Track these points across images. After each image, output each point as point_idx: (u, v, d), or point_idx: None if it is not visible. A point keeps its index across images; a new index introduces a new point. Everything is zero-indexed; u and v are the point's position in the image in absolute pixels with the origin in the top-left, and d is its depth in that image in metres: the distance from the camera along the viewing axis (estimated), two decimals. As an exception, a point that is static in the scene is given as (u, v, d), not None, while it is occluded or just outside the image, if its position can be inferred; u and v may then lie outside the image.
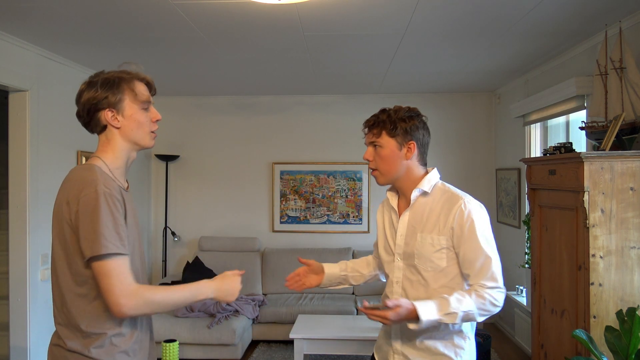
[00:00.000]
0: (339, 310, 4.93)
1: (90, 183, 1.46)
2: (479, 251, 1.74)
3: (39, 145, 3.83)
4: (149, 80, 1.64)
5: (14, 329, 3.70)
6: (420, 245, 1.81)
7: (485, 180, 5.84)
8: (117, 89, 1.55)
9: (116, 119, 1.56)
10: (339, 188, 5.93)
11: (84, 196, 1.44)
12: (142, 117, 1.59)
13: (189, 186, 6.06)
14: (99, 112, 1.56)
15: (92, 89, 1.55)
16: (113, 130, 1.58)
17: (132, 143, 1.61)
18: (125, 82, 1.57)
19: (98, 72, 1.61)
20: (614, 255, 2.51)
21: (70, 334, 1.53)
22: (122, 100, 1.56)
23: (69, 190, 1.48)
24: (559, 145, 2.94)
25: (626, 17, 3.10)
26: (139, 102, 1.58)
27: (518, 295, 4.75)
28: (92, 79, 1.59)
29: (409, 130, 1.84)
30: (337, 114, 5.95)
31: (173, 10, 2.99)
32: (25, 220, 3.69)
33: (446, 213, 1.79)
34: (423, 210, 1.85)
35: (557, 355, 2.92)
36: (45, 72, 3.93)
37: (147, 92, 1.62)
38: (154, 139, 1.65)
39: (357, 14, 3.11)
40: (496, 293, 1.73)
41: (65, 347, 1.53)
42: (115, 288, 1.41)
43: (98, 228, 1.41)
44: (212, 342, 4.46)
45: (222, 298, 1.65)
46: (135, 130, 1.59)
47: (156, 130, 1.65)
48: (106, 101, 1.54)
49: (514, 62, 4.38)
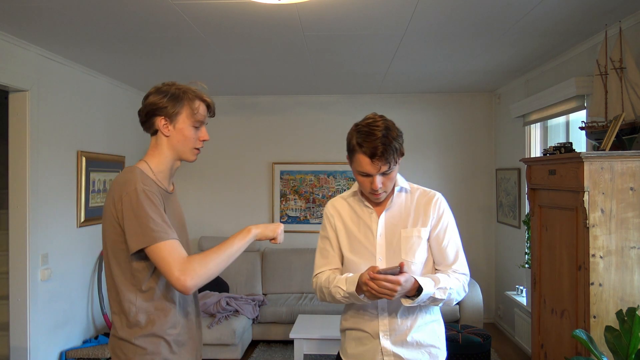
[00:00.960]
0: (339, 310, 4.92)
1: (131, 183, 1.59)
2: (452, 242, 1.89)
3: (39, 145, 3.83)
4: (210, 102, 1.77)
5: (14, 329, 3.70)
6: (406, 240, 1.85)
7: (485, 180, 5.84)
8: (178, 103, 1.69)
9: (167, 128, 1.70)
10: (339, 188, 5.93)
11: (126, 195, 1.57)
12: (190, 133, 1.72)
13: (189, 186, 6.06)
14: (155, 117, 1.70)
15: (159, 95, 1.69)
16: (162, 137, 1.72)
17: (176, 153, 1.74)
18: (188, 99, 1.71)
19: (171, 81, 1.76)
20: (614, 255, 2.51)
21: (120, 323, 1.64)
22: (178, 113, 1.70)
23: (114, 192, 1.62)
24: (559, 145, 2.94)
25: (626, 17, 3.10)
26: (193, 119, 1.71)
27: (518, 295, 4.75)
28: (163, 85, 1.73)
29: (401, 145, 1.80)
30: (337, 114, 5.95)
31: (173, 10, 2.99)
32: (25, 220, 3.69)
33: (425, 207, 1.89)
34: (401, 208, 1.90)
35: (557, 355, 2.92)
36: (45, 72, 3.93)
37: (205, 113, 1.75)
38: (195, 155, 1.78)
39: (357, 14, 3.11)
40: (466, 280, 1.88)
41: (116, 336, 1.66)
42: (172, 268, 1.52)
43: (143, 221, 1.54)
44: (212, 342, 4.46)
45: (265, 235, 1.76)
46: (182, 143, 1.72)
47: (201, 148, 1.78)
48: (165, 110, 1.68)
49: (514, 62, 4.38)
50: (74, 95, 4.31)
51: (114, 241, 1.62)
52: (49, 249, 3.91)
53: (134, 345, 1.61)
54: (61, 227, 4.11)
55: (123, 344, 1.63)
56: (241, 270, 5.55)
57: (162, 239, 1.54)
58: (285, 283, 5.55)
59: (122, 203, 1.57)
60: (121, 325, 1.64)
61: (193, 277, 1.53)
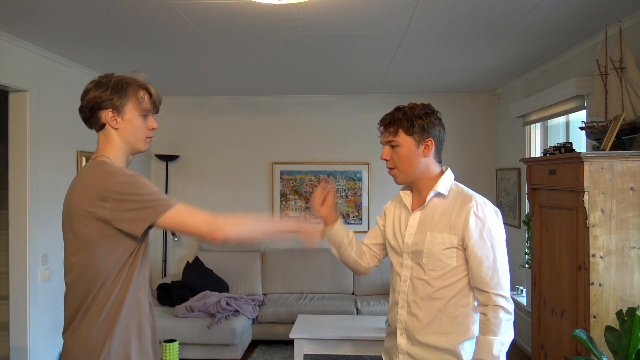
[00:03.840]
0: (339, 310, 4.93)
1: (115, 171, 1.56)
2: (484, 256, 1.73)
3: (39, 145, 3.82)
4: (153, 92, 1.73)
5: (14, 329, 3.70)
6: (430, 244, 1.80)
7: (485, 180, 5.84)
8: (123, 93, 1.66)
9: (115, 120, 1.66)
10: (339, 188, 5.93)
11: (117, 183, 1.53)
12: (139, 123, 1.69)
13: (188, 186, 6.06)
14: (101, 111, 1.66)
15: (100, 89, 1.65)
16: (111, 131, 1.68)
17: (128, 145, 1.70)
18: (132, 89, 1.68)
19: (108, 73, 1.71)
20: (614, 255, 2.51)
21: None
22: (125, 104, 1.66)
23: (92, 187, 1.55)
24: (559, 145, 2.94)
25: (626, 17, 3.10)
26: (140, 109, 1.69)
27: (518, 295, 4.75)
28: (101, 79, 1.68)
29: (425, 127, 1.81)
30: (337, 114, 5.95)
31: (173, 10, 2.99)
32: (25, 220, 3.69)
33: (457, 213, 1.78)
34: (435, 210, 1.84)
35: (557, 355, 2.92)
36: (45, 72, 3.93)
37: (149, 102, 1.72)
38: (147, 144, 1.76)
39: (357, 14, 3.11)
40: (503, 314, 1.71)
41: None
42: (200, 224, 1.57)
43: (148, 197, 1.54)
44: (212, 342, 4.46)
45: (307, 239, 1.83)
46: (132, 133, 1.69)
47: (151, 137, 1.76)
48: (110, 102, 1.64)
49: (514, 62, 4.38)
50: (74, 95, 4.24)
51: (90, 239, 1.56)
52: (49, 249, 3.91)
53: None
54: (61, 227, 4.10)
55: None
56: (241, 270, 5.54)
57: (172, 205, 1.55)
58: (285, 283, 5.55)
59: (114, 192, 1.51)
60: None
61: (229, 226, 1.58)
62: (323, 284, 5.51)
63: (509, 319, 1.72)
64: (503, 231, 1.80)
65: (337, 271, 5.52)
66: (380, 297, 5.27)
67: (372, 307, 4.99)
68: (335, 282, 5.52)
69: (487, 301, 1.73)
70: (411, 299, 1.84)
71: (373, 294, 5.42)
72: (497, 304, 1.71)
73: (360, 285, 5.50)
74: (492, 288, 1.72)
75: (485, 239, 1.74)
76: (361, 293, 5.48)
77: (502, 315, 1.70)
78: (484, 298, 1.74)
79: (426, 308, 1.81)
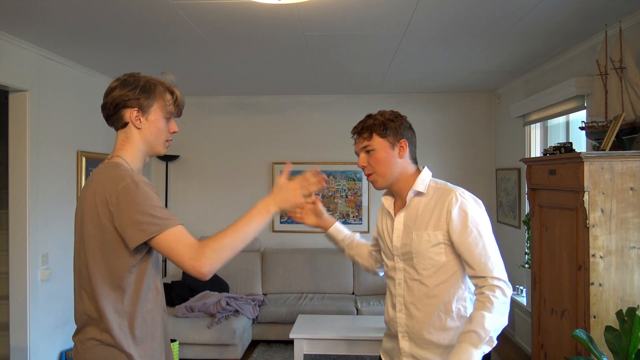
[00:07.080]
0: (339, 310, 4.93)
1: (124, 176, 1.53)
2: (473, 244, 1.74)
3: (39, 145, 3.82)
4: (179, 96, 1.73)
5: (14, 329, 3.70)
6: (417, 243, 1.82)
7: (485, 180, 5.84)
8: (151, 94, 1.65)
9: (139, 120, 1.65)
10: (339, 188, 5.93)
11: (123, 188, 1.50)
12: (162, 125, 1.69)
13: (189, 186, 6.06)
14: (125, 109, 1.64)
15: (127, 87, 1.63)
16: (133, 130, 1.66)
17: (148, 145, 1.69)
18: (160, 91, 1.68)
19: (134, 72, 1.70)
20: (614, 255, 2.51)
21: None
22: (151, 105, 1.66)
23: (102, 190, 1.53)
24: (559, 145, 2.94)
25: (626, 17, 3.10)
26: (165, 111, 1.69)
27: (518, 295, 4.75)
28: (128, 77, 1.67)
29: (398, 129, 1.87)
30: (337, 114, 5.95)
31: (173, 10, 2.99)
32: (25, 220, 3.69)
33: (440, 208, 1.80)
34: (417, 209, 1.86)
35: (557, 355, 2.92)
36: (45, 72, 3.93)
37: (174, 105, 1.72)
38: (166, 147, 1.76)
39: (357, 14, 3.11)
40: (500, 294, 1.69)
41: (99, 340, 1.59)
42: (184, 256, 1.48)
43: (148, 210, 1.49)
44: (212, 342, 4.46)
45: (288, 207, 1.73)
46: (154, 135, 1.68)
47: (171, 140, 1.76)
48: (137, 102, 1.63)
49: (514, 62, 4.38)
50: (74, 95, 4.31)
51: (101, 241, 1.54)
52: (49, 249, 3.91)
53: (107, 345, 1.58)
54: (61, 227, 4.10)
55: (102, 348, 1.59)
56: (241, 270, 5.54)
57: (168, 226, 1.49)
58: (285, 283, 5.55)
59: (119, 197, 1.49)
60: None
61: (209, 262, 1.49)
62: (323, 284, 5.52)
63: (505, 302, 1.69)
64: (487, 217, 1.81)
65: (337, 271, 5.53)
66: (380, 297, 5.27)
67: (372, 307, 4.99)
68: (335, 282, 5.52)
69: (485, 284, 1.72)
70: (408, 301, 1.86)
71: (373, 294, 5.41)
72: (494, 284, 1.71)
73: (360, 285, 5.50)
74: (488, 272, 1.72)
75: (470, 227, 1.75)
76: (361, 293, 5.48)
77: (499, 295, 1.68)
78: (482, 283, 1.73)
79: (424, 308, 1.83)
